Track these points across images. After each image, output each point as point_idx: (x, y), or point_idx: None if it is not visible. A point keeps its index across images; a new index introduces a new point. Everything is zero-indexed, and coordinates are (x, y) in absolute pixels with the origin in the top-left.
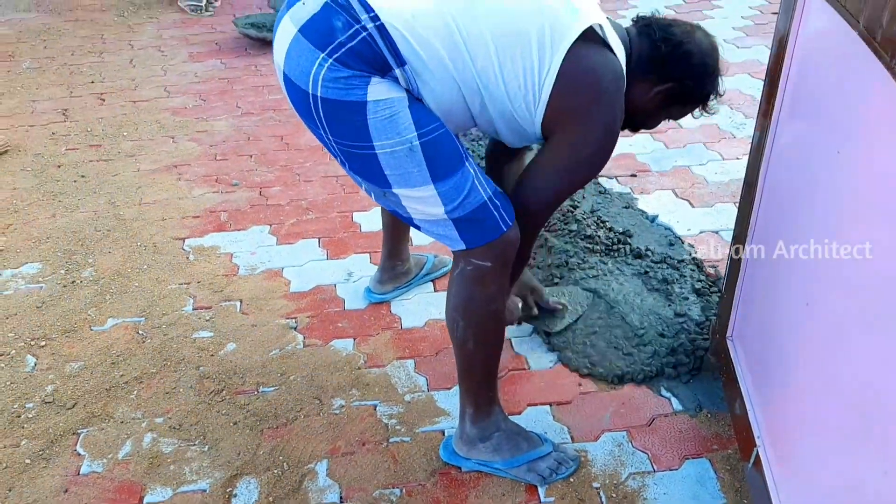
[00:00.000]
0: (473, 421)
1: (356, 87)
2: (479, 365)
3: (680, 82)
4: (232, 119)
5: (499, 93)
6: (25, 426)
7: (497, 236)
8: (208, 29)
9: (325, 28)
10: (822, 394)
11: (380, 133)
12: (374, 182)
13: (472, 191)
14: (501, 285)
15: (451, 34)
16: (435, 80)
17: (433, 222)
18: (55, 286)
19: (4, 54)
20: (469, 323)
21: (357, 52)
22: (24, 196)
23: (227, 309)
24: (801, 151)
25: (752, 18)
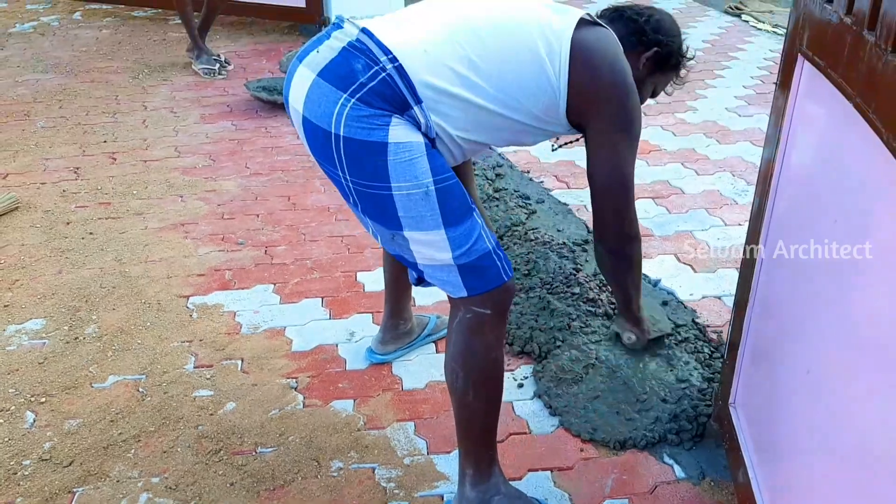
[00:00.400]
0: (473, 484)
1: (378, 127)
2: (480, 418)
3: (661, 45)
4: (240, 179)
5: (518, 100)
6: (21, 483)
7: (499, 284)
8: (220, 91)
9: (346, 71)
10: (827, 463)
11: (398, 175)
12: (384, 224)
13: (479, 239)
14: (500, 334)
15: (463, 59)
16: (454, 109)
17: (438, 267)
18: (58, 342)
19: (20, 114)
20: (469, 373)
21: (378, 92)
22: (31, 252)
23: (229, 367)
24: (799, 220)
25: (753, 88)
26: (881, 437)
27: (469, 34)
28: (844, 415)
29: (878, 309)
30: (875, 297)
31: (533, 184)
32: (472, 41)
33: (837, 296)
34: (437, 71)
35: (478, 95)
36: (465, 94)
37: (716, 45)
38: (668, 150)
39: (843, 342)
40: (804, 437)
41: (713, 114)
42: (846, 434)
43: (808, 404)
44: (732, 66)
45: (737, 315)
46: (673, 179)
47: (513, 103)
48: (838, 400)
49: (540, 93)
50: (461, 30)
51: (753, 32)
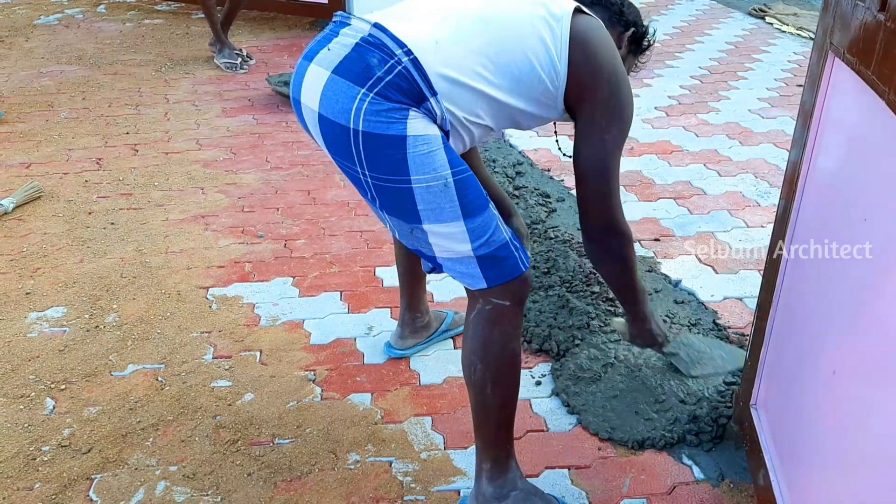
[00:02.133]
0: (490, 478)
1: (396, 121)
2: (497, 411)
3: (636, 25)
4: (261, 173)
5: (525, 84)
6: (40, 469)
7: (516, 275)
8: (242, 86)
9: (361, 66)
10: (852, 467)
11: (418, 168)
12: (404, 218)
13: (497, 230)
14: (517, 325)
15: (473, 48)
16: (464, 98)
17: (457, 260)
18: (79, 330)
19: (44, 104)
20: (488, 364)
21: (396, 85)
22: (53, 241)
23: (247, 359)
24: (826, 221)
25: (777, 90)
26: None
27: (476, 23)
28: (871, 418)
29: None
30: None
31: (553, 182)
32: (479, 30)
33: (865, 297)
34: (450, 62)
35: (488, 84)
36: (476, 84)
37: (739, 47)
38: (690, 150)
39: (871, 344)
40: (829, 440)
41: (736, 115)
42: (873, 438)
43: (833, 406)
44: (756, 67)
45: (760, 316)
46: (695, 180)
47: (519, 89)
48: (865, 402)
49: (543, 77)
50: (468, 19)
51: (777, 35)
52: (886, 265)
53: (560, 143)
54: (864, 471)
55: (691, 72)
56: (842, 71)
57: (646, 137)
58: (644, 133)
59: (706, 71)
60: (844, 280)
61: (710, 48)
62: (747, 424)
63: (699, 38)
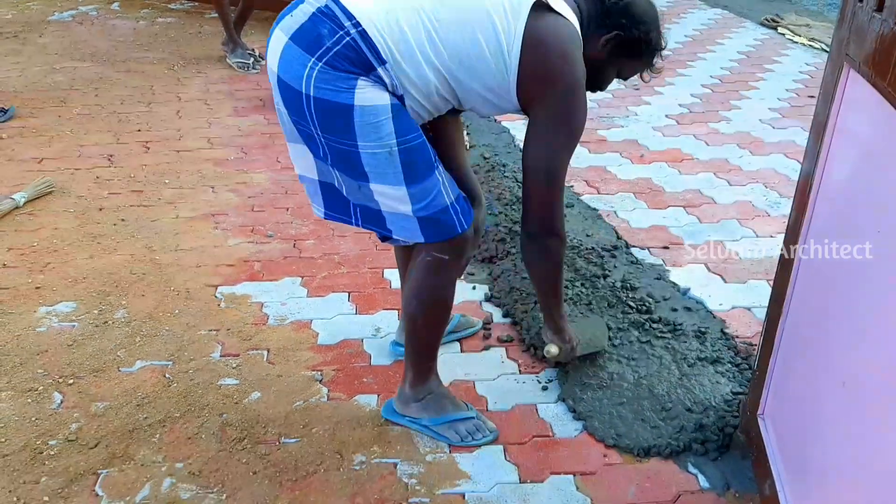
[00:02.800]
0: (412, 385)
1: (344, 90)
2: (423, 339)
3: (624, 30)
4: (271, 172)
5: (473, 68)
6: (47, 463)
7: (452, 235)
8: (253, 85)
9: (314, 36)
10: (860, 480)
11: (364, 135)
12: (352, 175)
13: (438, 195)
14: (452, 276)
15: (423, 24)
16: (413, 71)
17: (399, 216)
18: (88, 326)
19: (57, 100)
20: (420, 303)
21: (343, 55)
22: (64, 236)
23: (254, 358)
24: (838, 231)
25: (788, 100)
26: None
27: (433, 3)
28: (881, 430)
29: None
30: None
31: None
32: (435, 9)
33: (876, 308)
34: (399, 37)
35: (437, 59)
36: (423, 58)
37: (751, 57)
38: (700, 159)
39: (881, 356)
40: (837, 452)
41: (747, 125)
42: (881, 450)
43: (842, 418)
44: (767, 78)
45: (769, 325)
46: (705, 189)
47: (466, 71)
48: (875, 414)
49: (491, 65)
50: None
51: (789, 45)
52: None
53: None
54: (872, 484)
55: (703, 81)
56: (857, 83)
57: (656, 145)
58: (654, 141)
59: (717, 80)
60: (855, 291)
61: (721, 57)
62: (754, 434)
63: (711, 47)
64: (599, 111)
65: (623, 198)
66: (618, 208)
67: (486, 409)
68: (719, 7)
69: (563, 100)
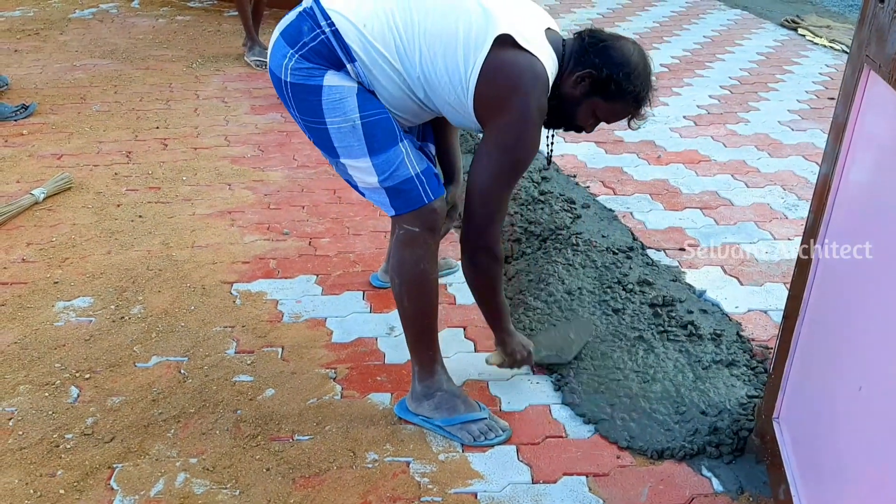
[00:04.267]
0: (420, 379)
1: (315, 76)
2: (417, 321)
3: (596, 69)
4: (287, 170)
5: (436, 85)
6: (63, 456)
7: (420, 205)
8: (271, 84)
9: (296, 31)
10: (876, 486)
11: (330, 112)
12: (328, 153)
13: (401, 165)
14: (428, 248)
15: (393, 37)
16: (381, 75)
17: (371, 189)
18: (104, 321)
19: (77, 97)
20: (402, 280)
21: (316, 51)
22: (82, 232)
23: (269, 355)
24: (856, 235)
25: (807, 102)
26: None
27: (406, 17)
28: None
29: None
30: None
31: (579, 188)
32: (405, 24)
33: (894, 312)
34: (367, 42)
35: (401, 69)
36: (388, 67)
37: (770, 58)
38: (717, 160)
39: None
40: (853, 457)
41: (765, 127)
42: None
43: (858, 423)
44: (787, 79)
45: (785, 328)
46: (722, 191)
47: (431, 91)
48: (892, 419)
49: (451, 85)
50: (399, 12)
51: (809, 47)
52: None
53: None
54: (889, 490)
55: (721, 82)
56: (877, 85)
57: (673, 146)
58: (672, 142)
59: (736, 81)
60: (873, 295)
61: (740, 58)
62: (769, 438)
63: (730, 48)
64: None
65: (639, 199)
66: (634, 209)
67: (500, 410)
68: (739, 8)
69: (510, 129)
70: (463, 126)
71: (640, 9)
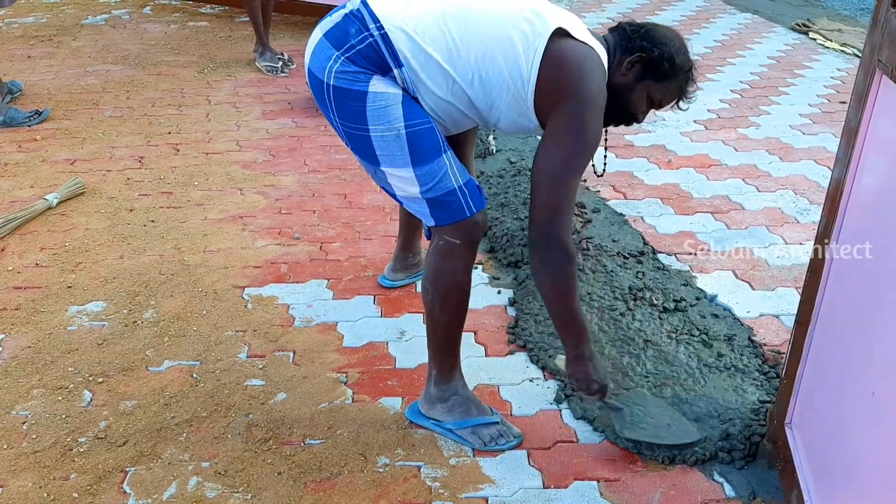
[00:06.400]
0: (436, 382)
1: (360, 81)
2: (443, 329)
3: (646, 51)
4: (298, 175)
5: (493, 84)
6: (76, 460)
7: (462, 218)
8: (282, 89)
9: (342, 33)
10: (889, 492)
11: (374, 119)
12: (367, 160)
13: (444, 178)
14: (467, 261)
15: (445, 40)
16: (429, 79)
17: (411, 199)
18: (117, 325)
19: (90, 102)
20: (437, 290)
21: (364, 54)
22: (95, 237)
23: (281, 359)
24: (869, 240)
25: (819, 106)
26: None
27: (458, 19)
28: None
29: None
30: None
31: (589, 193)
32: (459, 29)
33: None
34: (418, 46)
35: (454, 72)
36: (441, 71)
37: (781, 62)
38: (728, 164)
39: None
40: (866, 463)
41: (776, 131)
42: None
43: (871, 428)
44: (798, 83)
45: (798, 333)
46: (733, 195)
47: (483, 87)
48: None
49: (508, 81)
50: (451, 15)
51: (821, 51)
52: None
53: (600, 162)
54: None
55: (732, 86)
56: (889, 89)
57: (684, 150)
58: (682, 146)
59: (747, 85)
60: (886, 299)
61: (751, 62)
62: (781, 443)
63: (741, 52)
64: None
65: (650, 203)
66: (645, 214)
67: (510, 414)
68: (749, 12)
69: (577, 113)
70: (515, 128)
71: (651, 13)
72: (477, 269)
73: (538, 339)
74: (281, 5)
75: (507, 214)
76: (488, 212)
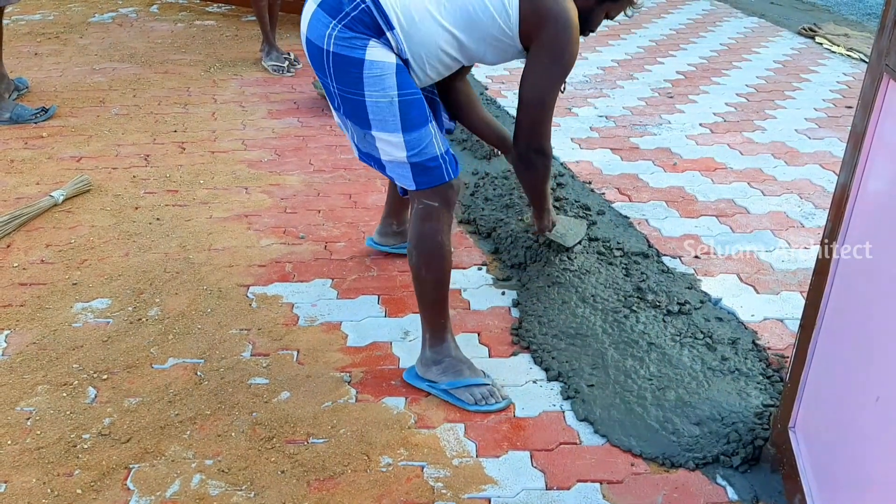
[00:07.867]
0: (430, 345)
1: (358, 47)
2: (431, 290)
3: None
4: (304, 175)
5: (480, 21)
6: (80, 456)
7: (441, 182)
8: (288, 89)
9: (336, 3)
10: (894, 496)
11: (370, 85)
12: (359, 124)
13: (429, 145)
14: (446, 222)
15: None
16: (421, 33)
17: (396, 164)
18: (122, 322)
19: (96, 100)
20: (420, 252)
21: (359, 20)
22: (101, 234)
23: (284, 358)
24: (875, 242)
25: (825, 111)
26: None
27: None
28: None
29: None
30: None
31: (594, 195)
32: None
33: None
34: (405, 8)
35: (445, 21)
36: (433, 22)
37: (787, 67)
38: (734, 168)
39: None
40: (869, 468)
41: (782, 135)
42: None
43: (875, 433)
44: (804, 87)
45: (802, 337)
46: (738, 199)
47: (473, 27)
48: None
49: (496, 18)
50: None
51: (827, 55)
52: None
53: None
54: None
55: (737, 89)
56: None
57: (689, 154)
58: (688, 149)
59: (752, 89)
60: (891, 304)
61: (757, 66)
62: (784, 447)
63: (747, 55)
64: (633, 118)
65: (655, 206)
66: (649, 216)
67: (514, 416)
68: (756, 16)
69: (558, 37)
70: (501, 59)
71: (657, 16)
72: (481, 271)
73: (542, 340)
74: (288, 5)
75: (511, 216)
76: (492, 213)
